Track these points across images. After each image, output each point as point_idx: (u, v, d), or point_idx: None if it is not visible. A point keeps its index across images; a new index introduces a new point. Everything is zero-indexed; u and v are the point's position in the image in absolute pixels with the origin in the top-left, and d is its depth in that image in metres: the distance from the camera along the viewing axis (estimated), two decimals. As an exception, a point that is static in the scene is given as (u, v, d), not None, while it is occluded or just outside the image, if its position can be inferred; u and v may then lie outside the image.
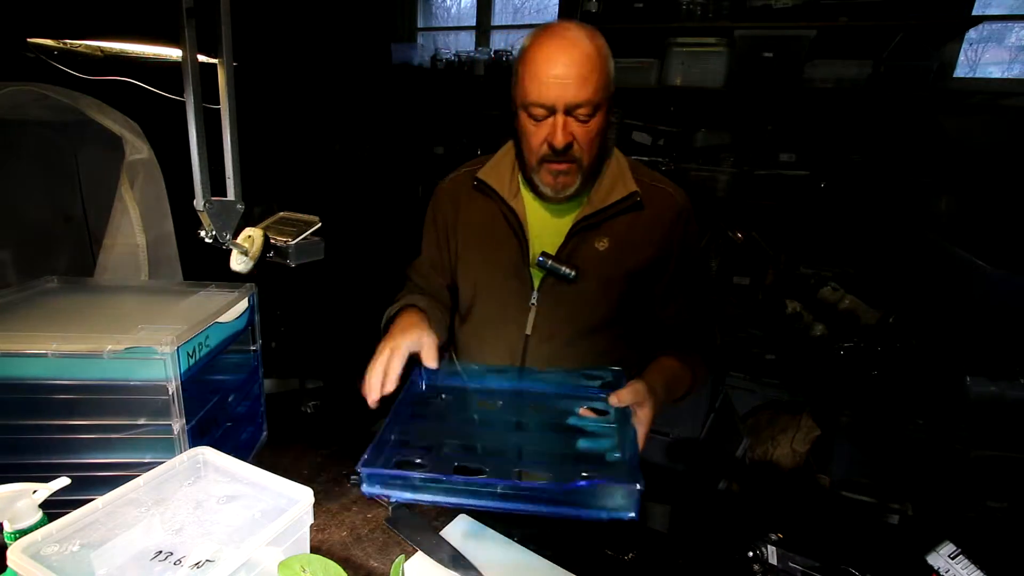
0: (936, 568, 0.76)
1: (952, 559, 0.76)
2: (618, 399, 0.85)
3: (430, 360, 0.93)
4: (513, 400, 0.97)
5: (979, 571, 0.74)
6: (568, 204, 1.06)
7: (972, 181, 2.19)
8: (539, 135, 0.95)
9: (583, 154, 0.97)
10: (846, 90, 2.23)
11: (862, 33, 2.18)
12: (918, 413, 1.93)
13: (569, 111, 0.93)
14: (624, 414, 0.85)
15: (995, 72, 2.45)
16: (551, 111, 0.93)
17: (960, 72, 2.28)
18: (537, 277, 1.06)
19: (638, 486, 0.65)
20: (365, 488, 0.71)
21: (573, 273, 1.02)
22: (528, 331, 1.08)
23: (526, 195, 1.09)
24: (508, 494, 0.68)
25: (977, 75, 2.40)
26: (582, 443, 0.82)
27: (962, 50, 2.24)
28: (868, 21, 2.14)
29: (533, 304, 1.07)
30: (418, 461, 0.77)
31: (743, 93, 2.39)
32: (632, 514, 0.67)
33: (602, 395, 0.92)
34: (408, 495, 0.71)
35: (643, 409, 0.85)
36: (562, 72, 0.90)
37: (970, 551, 0.76)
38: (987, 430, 1.73)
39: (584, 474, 0.72)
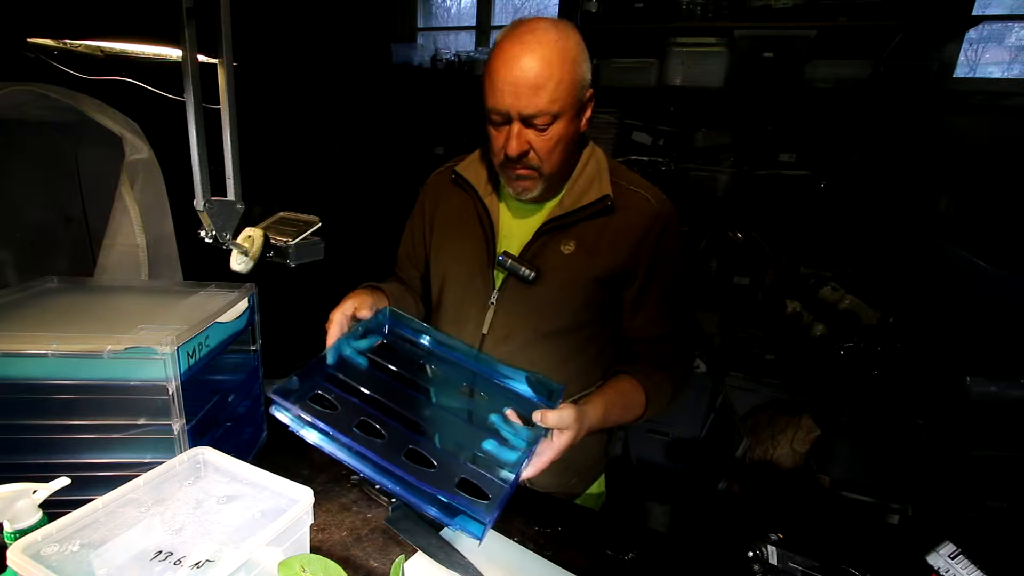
0: (936, 568, 0.76)
1: (952, 559, 0.76)
2: (542, 419, 0.80)
3: (363, 312, 0.94)
4: (452, 374, 0.96)
5: (979, 571, 0.74)
6: (541, 204, 1.05)
7: (972, 181, 2.19)
8: (499, 140, 0.94)
9: (541, 163, 0.94)
10: (846, 90, 2.24)
11: (862, 33, 2.18)
12: (918, 413, 1.93)
13: (525, 120, 0.89)
14: (538, 433, 0.82)
15: (995, 72, 2.45)
16: (507, 118, 0.90)
17: (960, 72, 2.28)
18: (500, 277, 1.05)
19: (486, 521, 0.69)
20: (273, 409, 0.76)
21: (532, 274, 1.00)
22: (484, 330, 1.07)
23: (503, 192, 1.08)
24: (382, 468, 0.72)
25: (977, 75, 2.40)
26: (487, 445, 0.80)
27: (962, 50, 2.24)
28: (868, 21, 2.14)
29: (492, 303, 1.06)
30: (330, 398, 0.79)
31: (743, 93, 2.39)
32: (477, 538, 0.70)
33: (536, 402, 0.89)
34: (301, 430, 0.76)
35: (561, 436, 0.82)
36: (517, 79, 0.86)
37: (970, 551, 0.76)
38: (987, 430, 1.73)
39: (462, 476, 0.73)
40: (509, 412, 0.85)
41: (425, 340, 0.98)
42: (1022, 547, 1.48)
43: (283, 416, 0.76)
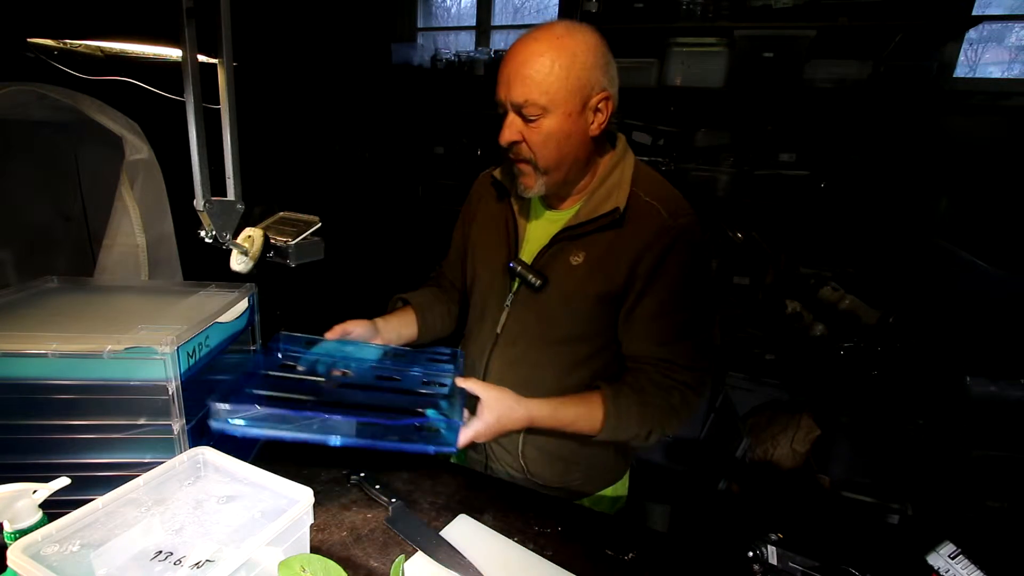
0: (936, 568, 0.76)
1: (952, 559, 0.76)
2: (461, 383, 0.92)
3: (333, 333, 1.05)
4: (367, 372, 1.03)
5: (979, 571, 0.74)
6: (563, 212, 1.06)
7: (972, 181, 2.19)
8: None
9: (534, 156, 0.95)
10: (846, 90, 2.23)
11: (862, 33, 2.18)
12: (918, 413, 1.93)
13: (516, 109, 0.93)
14: (463, 393, 0.93)
15: (995, 72, 2.45)
16: (504, 109, 0.94)
17: (960, 72, 2.28)
18: (517, 280, 1.07)
19: (459, 421, 0.83)
20: (217, 422, 0.79)
21: (539, 283, 1.01)
22: (499, 330, 1.10)
23: (534, 199, 1.09)
24: (348, 430, 0.80)
25: (977, 75, 2.40)
26: (429, 412, 0.89)
27: (962, 50, 2.24)
28: (868, 21, 2.14)
29: (507, 306, 1.08)
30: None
31: (743, 93, 2.39)
32: (454, 447, 0.82)
33: (445, 371, 1.02)
34: (254, 430, 0.80)
35: (482, 409, 0.91)
36: (510, 69, 0.91)
37: (970, 551, 0.76)
38: (987, 430, 1.73)
39: (415, 423, 0.83)
40: (458, 380, 0.94)
41: (331, 350, 1.05)
42: (1022, 547, 1.48)
43: (237, 421, 0.79)
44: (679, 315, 1.00)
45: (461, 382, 0.93)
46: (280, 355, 1.03)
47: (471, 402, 0.93)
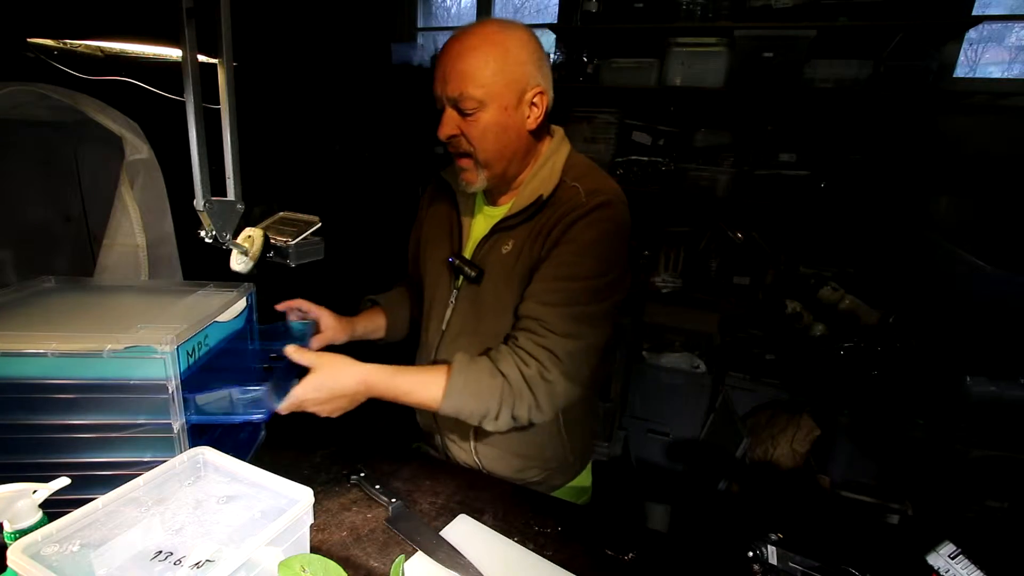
0: (936, 568, 0.76)
1: (952, 559, 0.76)
2: (285, 352, 0.91)
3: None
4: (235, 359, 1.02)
5: (979, 571, 0.74)
6: (501, 208, 1.08)
7: (972, 181, 2.19)
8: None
9: (474, 149, 0.97)
10: (846, 90, 2.23)
11: (862, 33, 2.18)
12: (918, 413, 1.93)
13: (452, 103, 0.94)
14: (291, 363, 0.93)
15: (995, 72, 2.45)
16: (442, 104, 0.96)
17: (960, 72, 2.28)
18: (461, 277, 1.09)
19: (263, 386, 0.81)
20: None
21: (474, 274, 1.04)
22: (444, 327, 1.11)
23: (477, 196, 1.13)
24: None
25: (977, 75, 2.40)
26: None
27: (962, 50, 2.24)
28: (868, 21, 2.14)
29: (452, 302, 1.10)
30: None
31: (743, 93, 2.39)
32: (258, 415, 0.82)
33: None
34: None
35: (309, 374, 0.90)
36: (445, 65, 0.93)
37: (970, 551, 0.76)
38: (987, 430, 1.73)
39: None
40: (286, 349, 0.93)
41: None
42: (1022, 547, 1.48)
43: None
44: (570, 283, 0.95)
45: (290, 352, 0.91)
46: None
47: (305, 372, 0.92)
